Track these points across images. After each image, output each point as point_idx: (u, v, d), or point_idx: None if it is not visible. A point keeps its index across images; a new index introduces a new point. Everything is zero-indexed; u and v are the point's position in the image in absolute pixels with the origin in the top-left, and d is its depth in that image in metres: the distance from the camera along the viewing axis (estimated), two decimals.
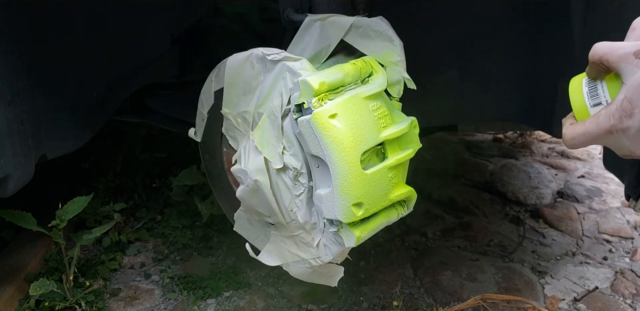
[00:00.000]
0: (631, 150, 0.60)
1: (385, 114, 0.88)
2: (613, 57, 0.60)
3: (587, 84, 0.65)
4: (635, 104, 0.56)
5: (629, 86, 0.57)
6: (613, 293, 1.59)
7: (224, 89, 1.02)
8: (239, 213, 1.12)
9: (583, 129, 0.63)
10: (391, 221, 0.94)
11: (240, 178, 1.00)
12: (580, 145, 0.65)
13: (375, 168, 0.86)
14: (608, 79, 0.63)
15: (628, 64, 0.58)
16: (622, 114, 0.57)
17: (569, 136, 0.65)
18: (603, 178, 2.28)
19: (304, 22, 0.96)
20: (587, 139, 0.63)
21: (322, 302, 1.53)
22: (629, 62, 0.58)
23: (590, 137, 0.62)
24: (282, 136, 0.91)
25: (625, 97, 0.57)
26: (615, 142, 0.61)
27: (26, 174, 1.11)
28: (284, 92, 0.90)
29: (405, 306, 1.51)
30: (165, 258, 1.73)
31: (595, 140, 0.62)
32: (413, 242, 1.83)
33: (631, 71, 0.57)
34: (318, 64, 0.96)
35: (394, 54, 0.92)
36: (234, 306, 1.52)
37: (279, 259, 1.06)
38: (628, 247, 1.82)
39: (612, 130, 0.59)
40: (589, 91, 0.65)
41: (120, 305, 1.53)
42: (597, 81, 0.64)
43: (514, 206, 2.07)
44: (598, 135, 0.61)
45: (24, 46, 1.08)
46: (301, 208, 0.94)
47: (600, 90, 0.64)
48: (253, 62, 0.95)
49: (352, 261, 1.63)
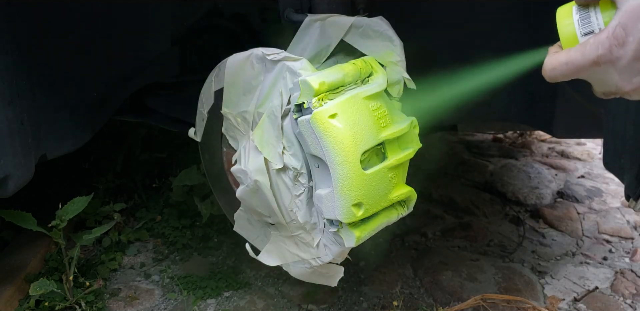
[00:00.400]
0: (618, 86, 0.53)
1: (385, 114, 0.88)
2: None
3: (578, 11, 0.58)
4: (629, 31, 0.50)
5: (623, 10, 0.50)
6: (613, 293, 1.59)
7: (224, 89, 1.03)
8: (239, 213, 1.12)
9: (566, 58, 0.55)
10: (391, 221, 0.94)
11: (240, 178, 1.00)
12: (561, 77, 0.57)
13: (375, 168, 0.86)
14: (602, 5, 0.57)
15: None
16: (612, 42, 0.50)
17: (550, 65, 0.57)
18: (603, 178, 2.28)
19: (304, 22, 0.96)
20: (570, 69, 0.55)
21: (322, 302, 1.53)
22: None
23: (574, 67, 0.54)
24: (282, 136, 0.91)
25: (618, 24, 0.50)
26: (601, 76, 0.54)
27: (26, 174, 1.11)
28: (284, 92, 0.90)
29: (405, 306, 1.51)
30: (165, 258, 1.73)
31: (578, 72, 0.55)
32: (413, 242, 1.83)
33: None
34: (318, 64, 0.96)
35: (394, 54, 0.92)
36: (234, 306, 1.52)
37: (279, 259, 1.06)
38: (628, 247, 1.81)
39: (600, 61, 0.52)
40: (580, 19, 0.58)
41: (120, 305, 1.52)
42: (590, 8, 0.57)
43: (514, 206, 2.06)
44: (582, 66, 0.54)
45: (24, 46, 1.08)
46: (301, 208, 0.94)
47: (593, 17, 0.57)
48: (253, 62, 0.95)
49: (352, 261, 1.63)
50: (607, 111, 0.98)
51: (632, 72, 0.51)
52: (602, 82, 0.55)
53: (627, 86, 0.52)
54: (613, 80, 0.53)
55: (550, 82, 0.58)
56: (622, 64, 0.51)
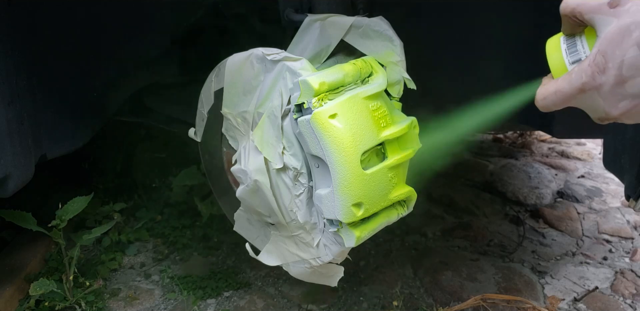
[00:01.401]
0: (606, 111, 0.53)
1: (385, 114, 0.88)
2: (585, 9, 0.54)
3: (565, 41, 0.59)
4: (608, 57, 0.50)
5: (602, 38, 0.51)
6: (613, 293, 1.59)
7: (224, 89, 1.02)
8: (239, 213, 1.12)
9: (555, 87, 0.56)
10: (391, 221, 0.94)
11: (240, 178, 1.00)
12: (553, 106, 0.58)
13: (375, 168, 0.86)
14: (587, 33, 0.57)
15: (602, 15, 0.52)
16: (594, 69, 0.51)
17: (540, 95, 0.58)
18: (603, 178, 2.28)
19: (304, 22, 0.96)
20: (559, 98, 0.56)
21: (322, 302, 1.53)
22: (602, 12, 0.52)
23: (563, 96, 0.55)
24: (282, 136, 0.91)
25: (598, 51, 0.51)
26: (589, 103, 0.54)
27: (26, 174, 1.11)
28: (284, 92, 0.90)
29: (405, 306, 1.51)
30: (165, 258, 1.73)
31: (568, 100, 0.56)
32: (413, 242, 1.83)
33: (605, 22, 0.51)
34: (318, 64, 0.96)
35: (394, 54, 0.92)
36: (234, 306, 1.52)
37: (279, 259, 1.06)
38: (628, 247, 1.81)
39: (585, 88, 0.52)
40: (567, 48, 0.58)
41: (120, 305, 1.52)
42: (576, 36, 0.58)
43: (514, 206, 2.06)
44: (571, 94, 0.54)
45: (24, 46, 1.08)
46: (301, 208, 0.94)
47: (579, 45, 0.57)
48: (253, 62, 0.95)
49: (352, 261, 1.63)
50: None
51: (616, 97, 0.51)
52: (592, 109, 0.55)
53: (614, 111, 0.53)
54: (600, 106, 0.53)
55: (544, 111, 0.60)
56: (606, 90, 0.51)
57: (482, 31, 1.25)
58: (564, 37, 0.60)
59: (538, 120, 1.35)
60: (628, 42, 0.49)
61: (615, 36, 0.50)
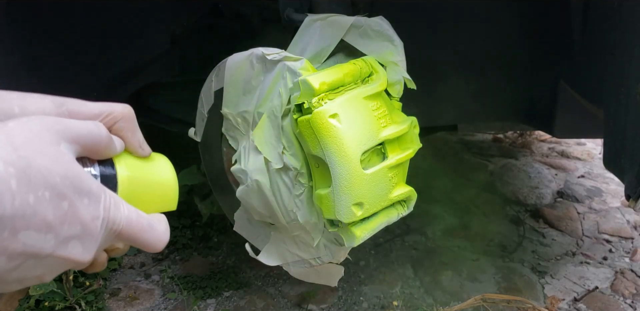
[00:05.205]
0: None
1: (385, 114, 0.88)
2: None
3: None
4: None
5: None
6: (613, 293, 1.59)
7: (224, 89, 1.02)
8: (239, 213, 1.12)
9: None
10: (391, 221, 0.94)
11: (240, 178, 1.00)
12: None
13: (375, 167, 0.86)
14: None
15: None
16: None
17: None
18: (603, 178, 2.28)
19: (304, 22, 0.96)
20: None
21: (322, 302, 1.53)
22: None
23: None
24: (282, 136, 0.91)
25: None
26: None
27: None
28: (284, 92, 0.90)
29: (405, 306, 1.51)
30: (165, 258, 1.73)
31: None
32: (413, 242, 1.83)
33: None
34: (318, 64, 0.96)
35: (394, 54, 0.92)
36: (234, 306, 1.51)
37: (279, 259, 1.06)
38: (628, 247, 1.81)
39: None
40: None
41: (120, 305, 1.52)
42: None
43: (514, 206, 2.06)
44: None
45: (24, 46, 1.08)
46: (301, 208, 0.94)
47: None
48: (253, 62, 0.95)
49: (352, 261, 1.63)
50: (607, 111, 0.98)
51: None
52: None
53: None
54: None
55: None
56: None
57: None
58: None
59: (538, 120, 1.35)
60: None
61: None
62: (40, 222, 0.36)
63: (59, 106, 0.48)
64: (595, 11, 1.00)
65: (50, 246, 0.37)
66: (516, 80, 1.33)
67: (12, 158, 0.35)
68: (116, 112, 0.51)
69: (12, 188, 0.34)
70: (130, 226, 0.43)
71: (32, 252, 0.37)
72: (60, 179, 0.37)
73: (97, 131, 0.44)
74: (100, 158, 0.46)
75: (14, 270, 0.37)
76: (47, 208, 0.36)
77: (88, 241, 0.39)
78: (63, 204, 0.37)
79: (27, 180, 0.35)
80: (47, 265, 0.39)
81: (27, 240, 0.36)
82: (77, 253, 0.39)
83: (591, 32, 1.03)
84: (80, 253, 0.39)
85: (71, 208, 0.38)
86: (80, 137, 0.42)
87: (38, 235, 0.36)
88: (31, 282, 0.40)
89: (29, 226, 0.36)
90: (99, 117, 0.49)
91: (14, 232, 0.35)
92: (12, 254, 0.36)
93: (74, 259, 0.39)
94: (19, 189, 0.35)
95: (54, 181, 0.37)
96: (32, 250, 0.36)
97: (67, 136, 0.41)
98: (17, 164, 0.35)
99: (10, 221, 0.34)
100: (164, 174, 0.52)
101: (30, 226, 0.36)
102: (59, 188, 0.37)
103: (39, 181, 0.36)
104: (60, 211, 0.37)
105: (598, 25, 1.00)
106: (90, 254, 0.40)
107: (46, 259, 0.38)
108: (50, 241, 0.37)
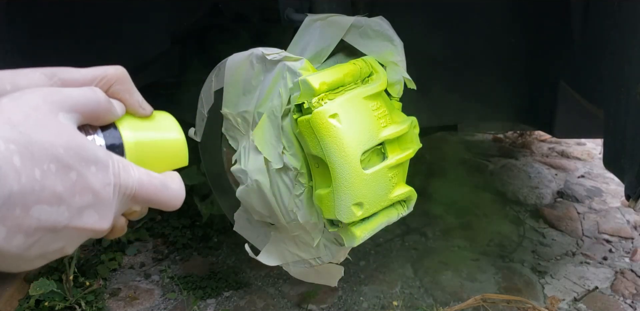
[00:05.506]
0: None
1: (385, 114, 0.88)
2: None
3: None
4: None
5: None
6: (613, 293, 1.59)
7: (224, 89, 1.02)
8: (239, 213, 1.12)
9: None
10: (391, 221, 0.94)
11: (240, 178, 1.00)
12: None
13: (375, 167, 0.86)
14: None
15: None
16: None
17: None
18: (603, 178, 2.28)
19: (304, 22, 0.96)
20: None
21: (322, 302, 1.53)
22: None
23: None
24: (282, 136, 0.91)
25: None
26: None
27: None
28: (284, 92, 0.90)
29: (405, 306, 1.51)
30: (165, 258, 1.73)
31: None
32: (413, 242, 1.83)
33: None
34: (318, 64, 0.95)
35: (394, 54, 0.92)
36: (233, 306, 1.51)
37: (279, 259, 1.06)
38: (628, 247, 1.81)
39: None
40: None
41: (120, 304, 1.52)
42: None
43: (514, 206, 2.06)
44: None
45: (24, 46, 1.08)
46: (301, 208, 0.94)
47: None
48: (253, 62, 0.95)
49: (352, 261, 1.63)
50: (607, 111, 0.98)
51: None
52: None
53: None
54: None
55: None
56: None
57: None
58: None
59: (538, 120, 1.35)
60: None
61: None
62: (50, 195, 0.36)
63: (51, 76, 0.47)
64: (595, 11, 1.00)
65: (65, 218, 0.37)
66: (516, 80, 1.33)
67: (11, 135, 0.35)
68: (110, 75, 0.50)
69: (16, 165, 0.34)
70: (144, 188, 0.43)
71: (47, 226, 0.36)
72: (64, 150, 0.37)
73: (95, 96, 0.43)
74: (102, 124, 0.45)
75: (33, 246, 0.37)
76: (55, 181, 0.36)
77: (103, 208, 0.39)
78: (71, 175, 0.37)
79: (30, 155, 0.35)
80: (66, 237, 0.39)
81: (41, 215, 0.36)
82: (93, 222, 0.39)
83: (591, 32, 1.02)
84: (97, 221, 0.39)
85: (80, 177, 0.37)
86: (78, 105, 0.41)
87: (51, 209, 0.36)
88: (54, 256, 0.40)
89: (40, 200, 0.35)
90: (93, 82, 0.48)
91: (26, 208, 0.35)
92: (28, 231, 0.36)
93: (92, 228, 0.39)
94: (23, 166, 0.34)
95: (58, 153, 0.36)
96: (48, 224, 0.36)
97: (64, 106, 0.40)
98: (18, 141, 0.35)
99: (20, 198, 0.34)
100: (170, 131, 0.51)
101: (42, 201, 0.35)
102: (64, 160, 0.37)
103: (42, 154, 0.36)
104: (69, 182, 0.37)
105: (598, 25, 1.00)
106: (107, 221, 0.40)
107: (63, 231, 0.38)
108: (64, 213, 0.37)
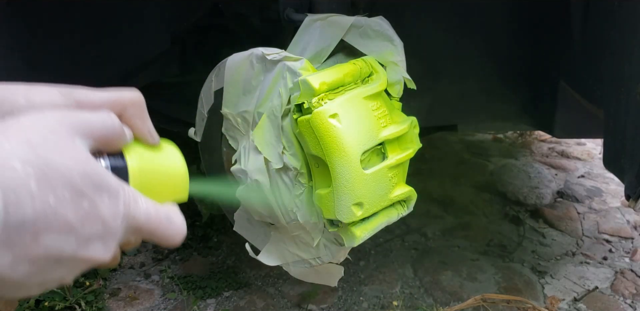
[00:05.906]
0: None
1: (385, 114, 0.88)
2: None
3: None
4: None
5: None
6: (613, 293, 1.59)
7: (224, 89, 1.02)
8: (239, 213, 1.12)
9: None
10: (391, 221, 0.94)
11: (240, 178, 1.00)
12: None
13: (375, 167, 0.86)
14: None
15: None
16: None
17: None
18: (603, 178, 2.28)
19: (304, 22, 0.96)
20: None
21: (322, 302, 1.53)
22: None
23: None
24: (282, 136, 0.91)
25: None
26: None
27: None
28: (284, 92, 0.90)
29: (405, 306, 1.51)
30: (165, 258, 1.73)
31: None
32: (413, 242, 1.83)
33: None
34: (318, 64, 0.96)
35: (394, 54, 0.92)
36: (234, 306, 1.51)
37: (279, 259, 1.06)
38: (628, 247, 1.81)
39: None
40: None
41: (120, 304, 1.52)
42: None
43: (514, 206, 2.06)
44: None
45: (24, 46, 1.08)
46: (301, 208, 0.94)
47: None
48: (253, 62, 0.95)
49: (352, 261, 1.63)
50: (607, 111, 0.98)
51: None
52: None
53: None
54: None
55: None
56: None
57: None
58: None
59: (538, 120, 1.35)
60: None
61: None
62: (61, 224, 0.35)
63: (67, 96, 0.45)
64: (595, 11, 1.00)
65: (72, 247, 0.36)
66: (516, 80, 1.33)
67: (30, 157, 0.34)
68: (125, 99, 0.47)
69: (32, 189, 0.33)
70: (150, 221, 0.42)
71: (53, 255, 0.35)
72: (79, 177, 0.36)
73: (111, 123, 0.42)
74: (112, 150, 0.44)
75: (35, 274, 0.35)
76: (67, 209, 0.35)
77: (108, 239, 0.38)
78: (84, 204, 0.36)
79: (46, 180, 0.34)
80: (69, 266, 0.37)
81: (49, 243, 0.34)
82: (98, 253, 0.38)
83: (591, 32, 1.02)
84: (101, 252, 0.38)
85: (92, 206, 0.36)
86: (95, 131, 0.40)
87: (59, 237, 0.35)
88: (52, 285, 0.39)
89: (51, 228, 0.34)
90: (108, 105, 0.45)
91: (35, 236, 0.34)
92: (34, 259, 0.34)
93: (95, 259, 0.38)
94: (39, 191, 0.33)
95: (73, 179, 0.35)
96: (54, 253, 0.35)
97: (81, 131, 0.39)
98: (36, 164, 0.34)
99: (32, 225, 0.33)
100: (175, 163, 0.49)
101: (52, 229, 0.34)
102: (79, 187, 0.35)
103: (59, 180, 0.34)
104: (81, 210, 0.36)
105: (598, 25, 1.00)
106: (110, 252, 0.39)
107: (68, 261, 0.37)
108: (72, 243, 0.36)
